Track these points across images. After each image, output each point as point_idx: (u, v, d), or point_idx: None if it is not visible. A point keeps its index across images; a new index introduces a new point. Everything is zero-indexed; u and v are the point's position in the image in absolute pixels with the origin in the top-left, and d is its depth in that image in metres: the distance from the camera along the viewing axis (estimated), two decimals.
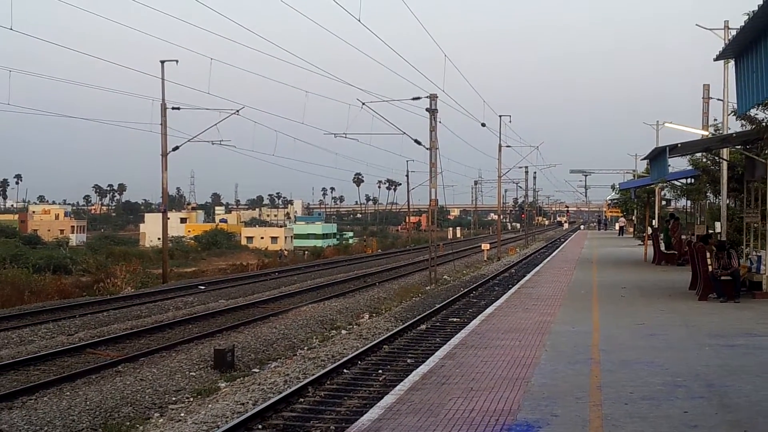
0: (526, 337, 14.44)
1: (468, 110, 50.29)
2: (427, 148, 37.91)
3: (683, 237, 33.55)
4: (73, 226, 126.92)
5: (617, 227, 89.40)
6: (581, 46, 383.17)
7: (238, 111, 42.94)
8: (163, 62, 42.69)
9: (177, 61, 42.71)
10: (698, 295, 20.37)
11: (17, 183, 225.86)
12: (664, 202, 58.46)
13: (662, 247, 34.52)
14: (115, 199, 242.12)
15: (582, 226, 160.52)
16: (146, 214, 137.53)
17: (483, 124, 53.85)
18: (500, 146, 61.66)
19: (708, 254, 20.32)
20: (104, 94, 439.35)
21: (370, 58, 37.95)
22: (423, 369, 11.85)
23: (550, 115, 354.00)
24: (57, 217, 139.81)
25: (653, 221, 45.15)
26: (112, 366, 17.35)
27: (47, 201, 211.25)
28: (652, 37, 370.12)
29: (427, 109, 37.10)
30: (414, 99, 37.16)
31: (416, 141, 38.90)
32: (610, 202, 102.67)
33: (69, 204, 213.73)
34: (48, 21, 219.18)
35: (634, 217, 75.22)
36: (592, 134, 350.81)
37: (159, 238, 60.89)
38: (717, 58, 14.44)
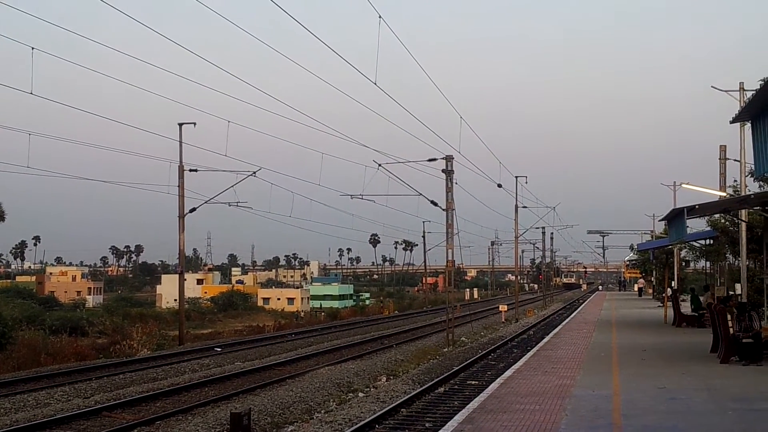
0: (546, 401, 14.25)
1: (484, 171, 50.32)
2: (443, 209, 37.90)
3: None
4: (90, 288, 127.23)
5: (636, 288, 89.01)
6: (596, 106, 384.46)
7: (254, 173, 43.21)
8: (181, 125, 43.16)
9: (195, 124, 43.17)
10: (720, 358, 20.09)
11: (35, 244, 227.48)
12: (683, 263, 58.20)
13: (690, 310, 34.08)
14: (132, 260, 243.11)
15: (600, 287, 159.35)
16: (163, 276, 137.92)
17: (499, 185, 54.05)
18: (516, 207, 61.87)
19: (729, 316, 20.10)
20: (122, 157, 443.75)
21: (385, 119, 38.13)
22: None
23: (566, 176, 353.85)
24: (74, 278, 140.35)
25: (672, 282, 44.86)
26: (128, 430, 17.21)
27: (65, 262, 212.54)
28: (669, 98, 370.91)
29: (443, 171, 37.15)
30: (430, 160, 37.32)
31: (432, 202, 38.91)
32: (628, 262, 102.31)
33: (86, 265, 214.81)
34: (66, 85, 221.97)
35: (653, 278, 74.88)
36: (609, 195, 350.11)
37: (176, 300, 61.02)
38: (733, 121, 14.51)
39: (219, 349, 37.33)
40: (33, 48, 25.72)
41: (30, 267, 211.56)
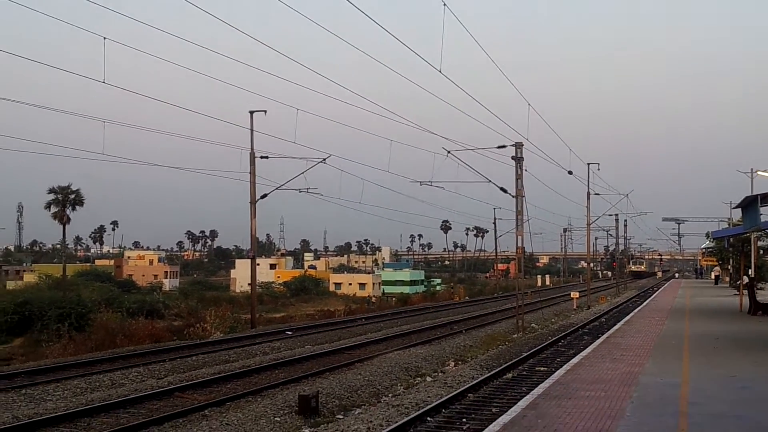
0: (612, 388, 14.16)
1: (554, 158, 49.88)
2: (513, 196, 37.72)
3: None
4: (166, 272, 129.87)
5: (713, 276, 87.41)
6: (670, 96, 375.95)
7: (324, 160, 43.52)
8: (252, 113, 43.65)
9: (265, 112, 43.55)
10: None
11: (113, 229, 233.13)
12: (761, 251, 56.84)
13: None
14: (207, 245, 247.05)
15: (676, 275, 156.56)
16: (237, 260, 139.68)
17: (570, 172, 53.49)
18: (588, 194, 61.12)
19: None
20: (195, 144, 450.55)
21: (453, 107, 38.00)
22: (504, 419, 11.72)
23: (640, 163, 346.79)
24: (151, 262, 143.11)
25: (749, 270, 43.88)
26: (199, 410, 17.57)
27: (142, 247, 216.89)
28: (746, 83, 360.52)
29: (512, 157, 36.93)
30: (499, 147, 37.05)
31: (502, 189, 38.66)
32: (704, 250, 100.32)
33: (163, 250, 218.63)
34: (139, 74, 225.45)
35: (729, 266, 73.35)
36: (684, 181, 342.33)
37: (249, 284, 61.87)
38: None
39: (290, 333, 37.80)
40: (105, 38, 26.30)
41: (108, 251, 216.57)
